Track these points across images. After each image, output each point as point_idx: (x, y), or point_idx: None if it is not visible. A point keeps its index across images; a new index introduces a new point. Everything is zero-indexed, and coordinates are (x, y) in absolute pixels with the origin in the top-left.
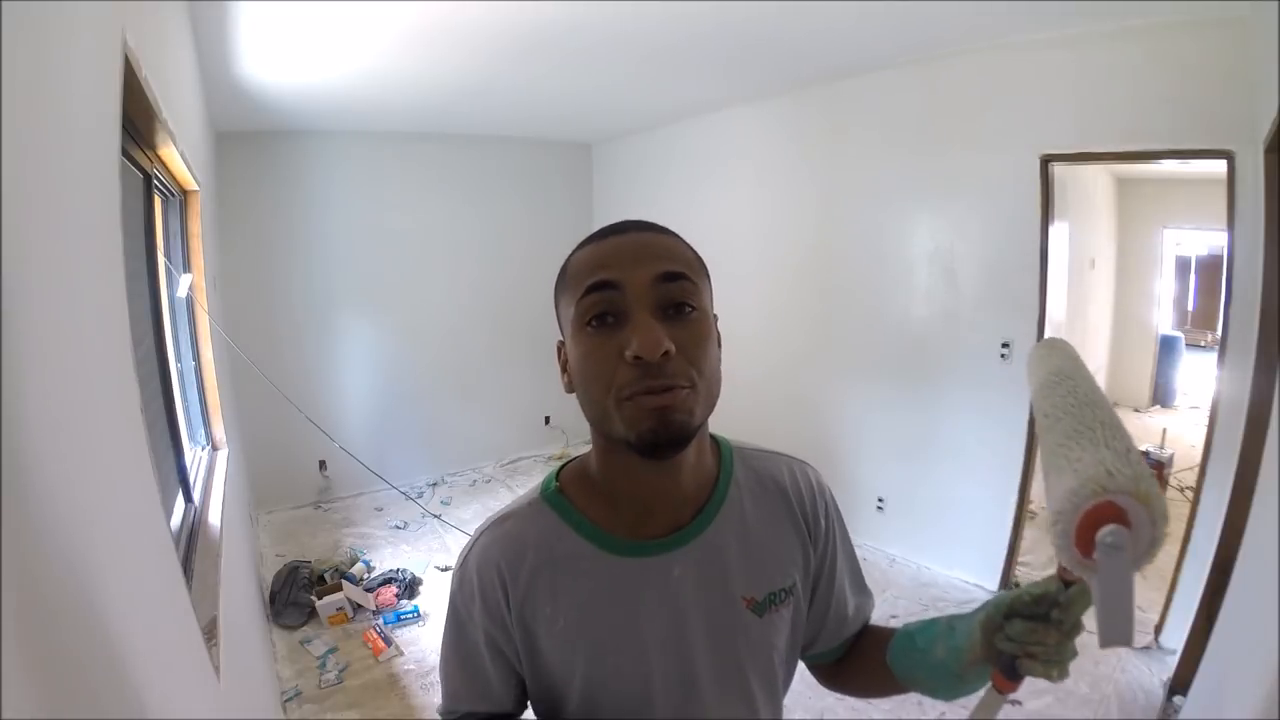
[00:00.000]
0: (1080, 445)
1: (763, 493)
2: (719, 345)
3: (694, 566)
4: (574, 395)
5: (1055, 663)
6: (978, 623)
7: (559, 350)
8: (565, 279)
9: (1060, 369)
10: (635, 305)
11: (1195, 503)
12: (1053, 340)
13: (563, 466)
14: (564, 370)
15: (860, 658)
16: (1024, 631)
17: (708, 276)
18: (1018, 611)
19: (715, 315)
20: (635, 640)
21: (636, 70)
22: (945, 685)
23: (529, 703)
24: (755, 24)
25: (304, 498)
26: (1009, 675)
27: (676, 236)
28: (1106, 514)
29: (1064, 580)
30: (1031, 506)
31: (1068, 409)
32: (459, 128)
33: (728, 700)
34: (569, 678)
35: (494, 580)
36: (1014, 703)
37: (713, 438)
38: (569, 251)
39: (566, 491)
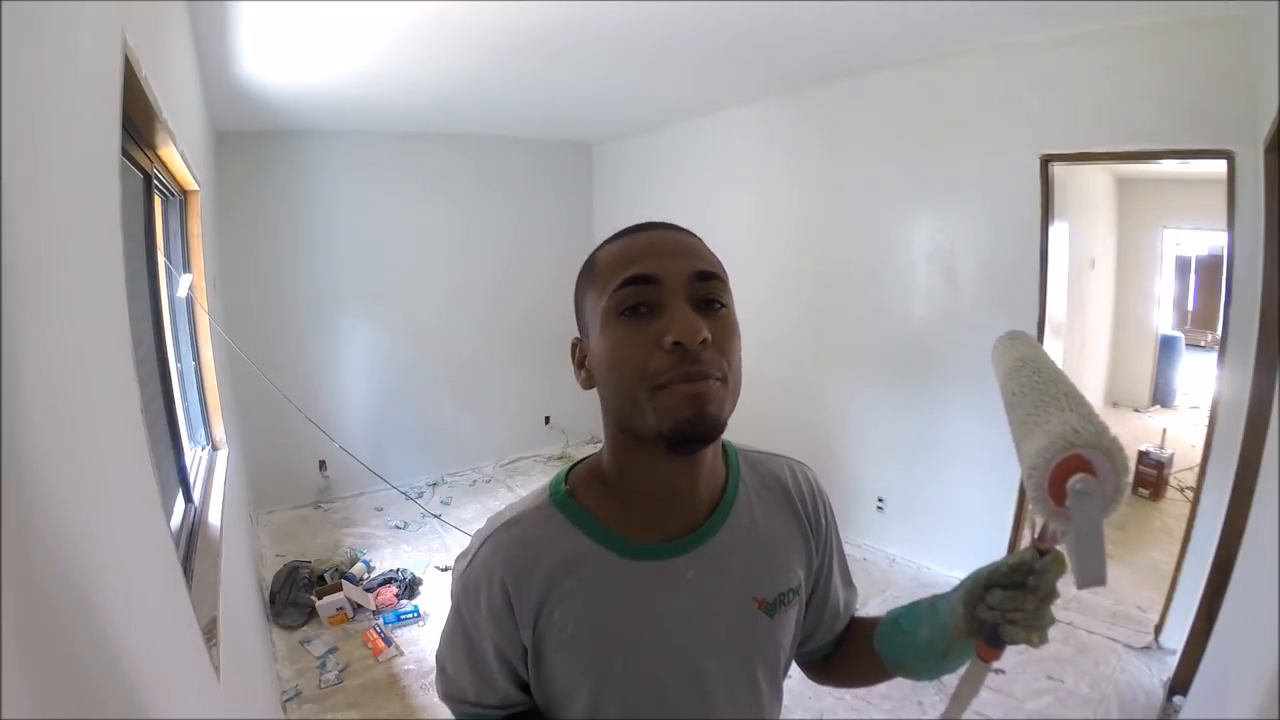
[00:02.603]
0: (1047, 411)
1: (768, 494)
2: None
3: (707, 568)
4: (587, 392)
5: (1035, 628)
6: (959, 598)
7: (573, 348)
8: (594, 272)
9: (1024, 356)
10: (672, 297)
11: (1195, 503)
12: (1015, 333)
13: (571, 468)
14: (580, 366)
15: (848, 650)
16: (1004, 600)
17: (728, 279)
18: (996, 582)
19: None
20: (648, 643)
21: (636, 70)
22: (931, 664)
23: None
24: (755, 24)
25: (304, 498)
26: (991, 643)
27: (700, 239)
28: (1075, 466)
29: (1038, 550)
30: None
31: (1033, 385)
32: (459, 128)
33: (738, 700)
34: (579, 682)
35: (500, 590)
36: (998, 671)
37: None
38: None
39: (577, 494)
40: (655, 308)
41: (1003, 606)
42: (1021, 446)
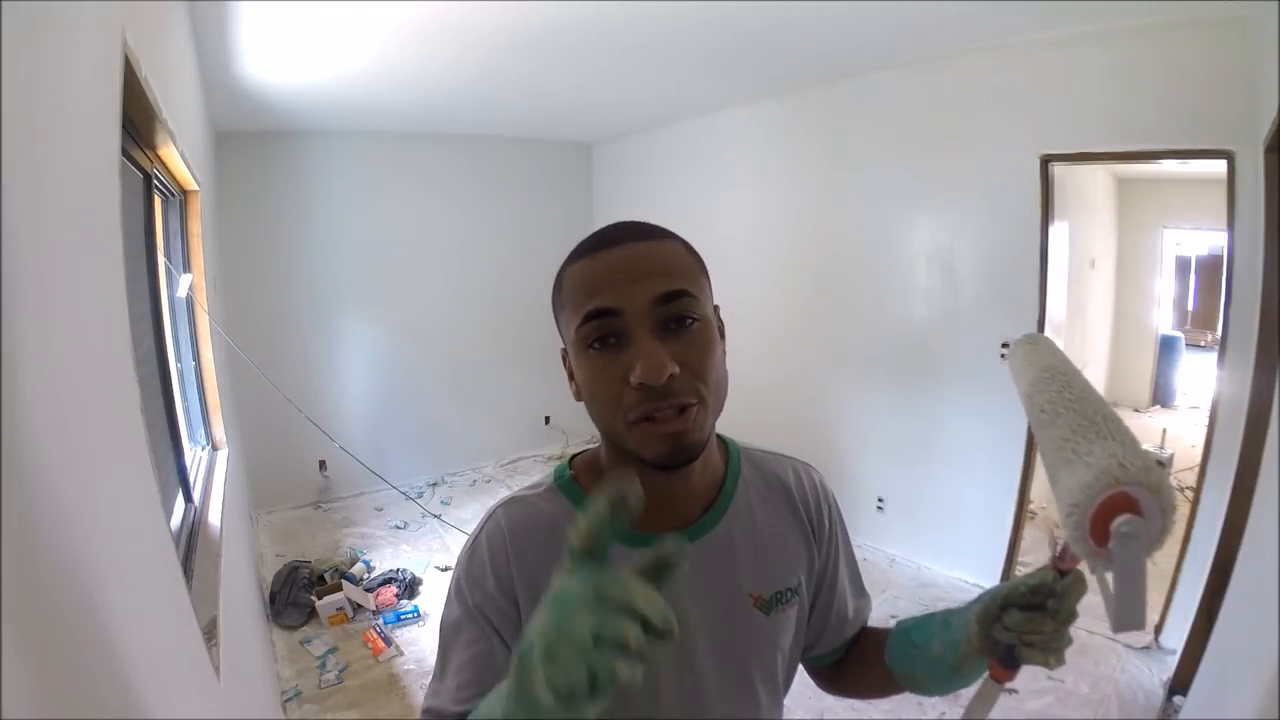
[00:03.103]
0: (1087, 439)
1: (769, 493)
2: (722, 337)
3: (703, 562)
4: (582, 403)
5: (1053, 650)
6: (974, 615)
7: (564, 358)
8: (561, 295)
9: (1050, 366)
10: (636, 328)
11: (1195, 503)
12: (1035, 336)
13: (574, 456)
14: (571, 379)
15: (858, 659)
16: (1021, 621)
17: (706, 274)
18: (1014, 602)
19: (716, 305)
20: None
21: (636, 70)
22: (942, 680)
23: None
24: (755, 24)
25: (304, 498)
26: (1006, 664)
27: (670, 238)
28: (1120, 504)
29: (1059, 571)
30: (1031, 506)
31: (1066, 404)
32: (459, 127)
33: (731, 698)
34: None
35: (505, 556)
36: (1011, 691)
37: (719, 437)
38: (569, 252)
39: (580, 480)
40: (622, 338)
41: (1020, 628)
42: (1059, 476)
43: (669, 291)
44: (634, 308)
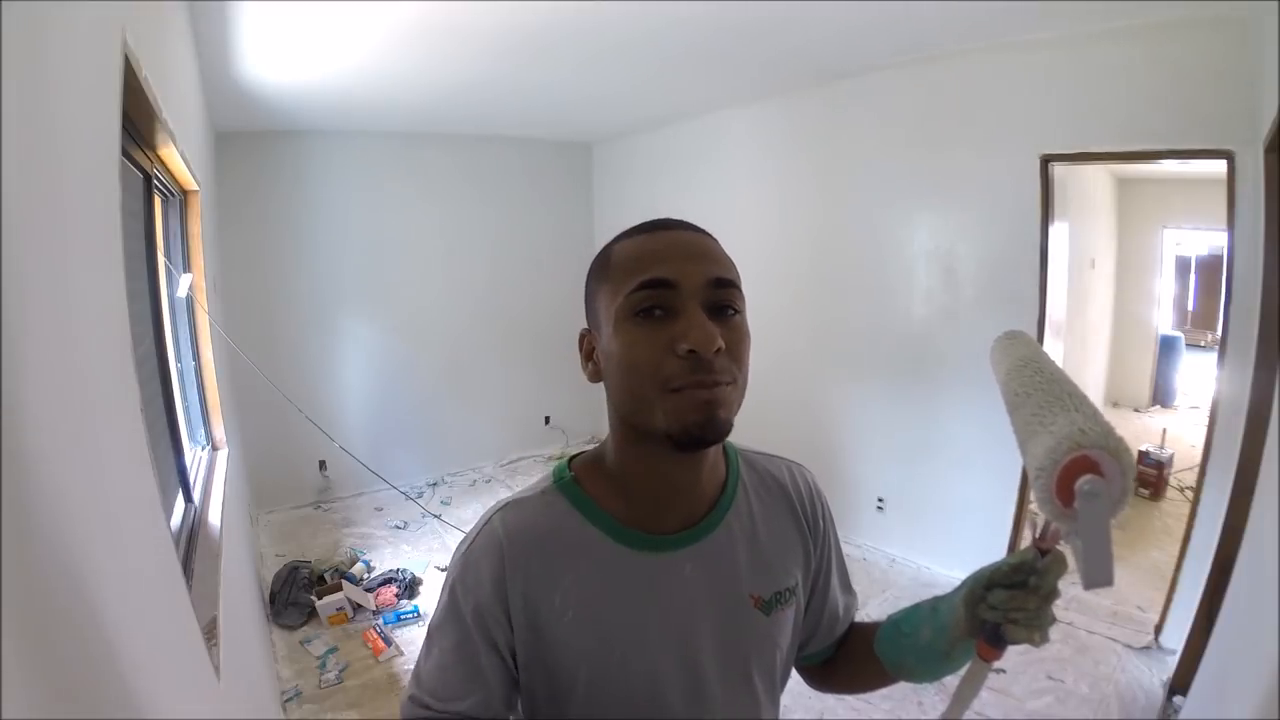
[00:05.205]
0: (1052, 412)
1: (766, 493)
2: None
3: (705, 564)
4: (587, 392)
5: (1037, 627)
6: (960, 598)
7: (582, 339)
8: (609, 268)
9: (1024, 356)
10: (688, 302)
11: (1195, 503)
12: (1014, 332)
13: (574, 457)
14: (588, 359)
15: (848, 655)
16: (1005, 599)
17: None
18: (998, 581)
19: None
20: (645, 635)
21: (637, 70)
22: (932, 666)
23: (525, 699)
24: (755, 23)
25: (304, 498)
26: (993, 643)
27: (716, 241)
28: (1082, 467)
29: (1040, 550)
30: (1031, 506)
31: (1036, 386)
32: (460, 127)
33: (734, 698)
34: (575, 670)
35: (500, 566)
36: (999, 671)
37: None
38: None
39: (580, 482)
40: (670, 311)
41: (1004, 606)
42: (1027, 447)
43: (723, 278)
44: (689, 284)
